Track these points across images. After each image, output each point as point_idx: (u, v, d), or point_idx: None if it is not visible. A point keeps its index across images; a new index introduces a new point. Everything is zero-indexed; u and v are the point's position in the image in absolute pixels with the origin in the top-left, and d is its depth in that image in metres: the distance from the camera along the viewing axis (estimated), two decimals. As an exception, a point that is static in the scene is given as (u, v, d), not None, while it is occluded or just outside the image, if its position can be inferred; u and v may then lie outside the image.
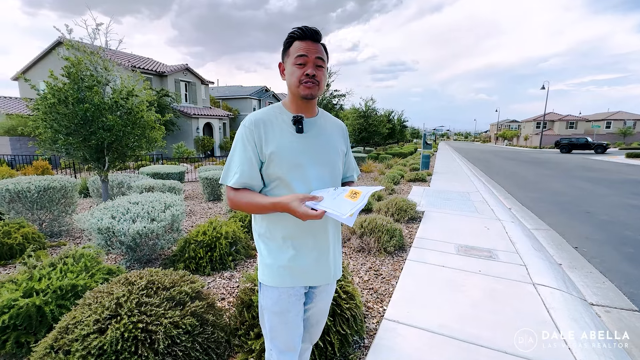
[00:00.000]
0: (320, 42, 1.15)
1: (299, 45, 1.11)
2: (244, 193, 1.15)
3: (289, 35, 1.14)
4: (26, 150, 13.47)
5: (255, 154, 1.14)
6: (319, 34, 1.13)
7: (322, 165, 1.19)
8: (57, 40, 17.28)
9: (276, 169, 1.14)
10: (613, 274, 3.39)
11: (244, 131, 1.16)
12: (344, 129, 1.37)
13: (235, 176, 1.14)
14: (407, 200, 5.28)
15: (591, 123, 45.18)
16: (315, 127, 1.22)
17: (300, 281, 1.23)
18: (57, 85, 4.41)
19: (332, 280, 1.33)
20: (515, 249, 3.83)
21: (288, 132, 1.16)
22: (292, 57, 1.13)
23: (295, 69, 1.12)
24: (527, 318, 2.37)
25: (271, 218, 1.19)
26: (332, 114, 1.33)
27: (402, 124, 30.44)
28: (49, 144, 4.56)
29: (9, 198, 4.09)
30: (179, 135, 19.15)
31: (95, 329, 1.54)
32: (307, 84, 1.12)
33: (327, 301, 1.39)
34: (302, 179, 1.15)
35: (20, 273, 2.18)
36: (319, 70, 1.13)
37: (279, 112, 1.20)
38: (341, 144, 1.31)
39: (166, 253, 3.65)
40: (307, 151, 1.17)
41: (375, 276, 3.13)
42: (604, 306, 2.76)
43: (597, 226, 5.17)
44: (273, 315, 1.23)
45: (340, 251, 1.36)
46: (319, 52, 1.12)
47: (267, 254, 1.22)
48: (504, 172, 13.33)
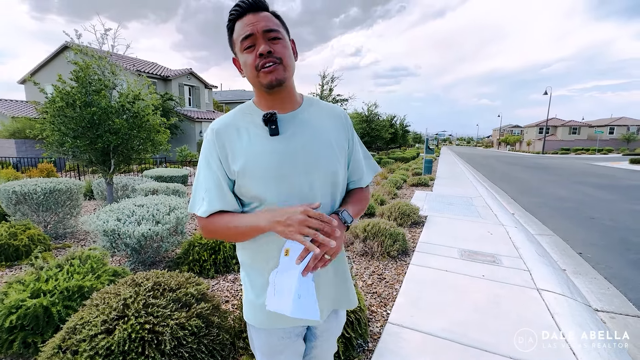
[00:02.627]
0: (268, 11, 0.89)
1: (240, 24, 0.86)
2: (218, 218, 0.91)
3: (228, 19, 0.90)
4: (31, 153, 13.59)
5: (222, 172, 0.90)
6: (261, 0, 0.87)
7: (312, 172, 0.90)
8: (63, 45, 17.50)
9: (250, 187, 0.89)
10: (618, 280, 3.37)
11: (206, 145, 0.93)
12: (343, 117, 1.04)
13: (204, 203, 0.91)
14: (410, 205, 5.28)
15: (594, 129, 45.09)
16: (295, 122, 0.93)
17: (295, 321, 0.96)
18: (65, 89, 4.48)
19: (340, 318, 1.12)
20: (519, 254, 3.82)
21: (260, 137, 0.90)
22: (237, 43, 0.88)
23: (246, 56, 0.87)
24: (532, 323, 2.36)
25: (257, 244, 0.93)
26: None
27: (405, 129, 30.53)
28: (56, 147, 4.62)
29: (16, 200, 4.13)
30: (183, 139, 19.27)
31: (102, 329, 1.56)
32: (266, 68, 0.85)
33: (334, 338, 1.14)
34: (289, 194, 0.88)
35: (27, 274, 2.21)
36: (276, 43, 0.86)
37: (248, 112, 0.94)
38: (340, 137, 1.00)
39: (170, 255, 3.67)
40: (289, 157, 0.89)
41: (378, 280, 3.13)
42: (608, 312, 2.75)
43: (602, 232, 5.15)
44: (262, 356, 1.04)
45: (349, 277, 1.07)
46: (267, 21, 0.85)
47: (250, 288, 0.98)
48: (507, 177, 13.30)
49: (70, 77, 4.54)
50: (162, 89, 19.25)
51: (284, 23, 0.92)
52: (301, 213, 0.79)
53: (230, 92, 33.11)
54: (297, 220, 0.78)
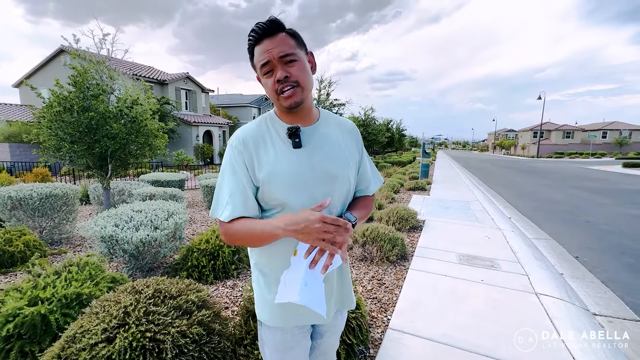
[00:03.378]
0: (284, 31, 0.92)
1: (259, 50, 0.92)
2: (240, 224, 0.95)
3: (248, 43, 0.95)
4: (26, 157, 13.46)
5: (248, 179, 0.97)
6: (275, 23, 0.90)
7: (329, 183, 1.00)
8: (59, 49, 17.45)
9: (275, 194, 0.96)
10: (615, 284, 3.41)
11: (231, 153, 0.98)
12: (355, 131, 1.15)
13: (228, 208, 0.96)
14: (408, 209, 5.30)
15: (587, 133, 45.68)
16: (316, 136, 1.02)
17: (307, 319, 1.05)
18: (62, 93, 4.46)
19: (341, 317, 1.21)
20: (517, 258, 3.85)
21: (284, 148, 0.98)
22: (258, 68, 0.95)
23: (266, 81, 0.94)
24: (531, 328, 2.38)
25: (273, 247, 0.99)
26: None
27: (401, 133, 30.68)
28: (52, 152, 4.59)
29: (11, 205, 4.08)
30: (179, 143, 19.21)
31: (103, 338, 1.54)
32: (284, 93, 0.92)
33: (336, 336, 1.25)
34: (309, 201, 0.96)
35: (24, 281, 2.18)
36: (292, 66, 0.91)
37: (271, 124, 1.02)
38: (353, 151, 1.10)
39: (168, 261, 3.64)
40: (310, 168, 0.97)
41: (378, 285, 3.13)
42: (606, 316, 2.77)
43: (598, 236, 5.20)
44: (275, 353, 1.09)
45: (349, 281, 1.18)
46: (282, 46, 0.90)
47: (265, 287, 1.04)
48: (503, 181, 13.41)
49: (68, 82, 4.52)
50: (159, 93, 19.22)
51: (300, 39, 0.96)
52: (318, 221, 0.82)
53: (227, 96, 33.09)
54: (315, 229, 0.82)
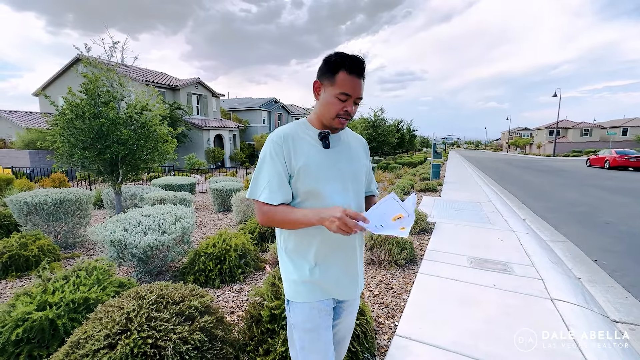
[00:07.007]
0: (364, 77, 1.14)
1: (345, 79, 1.09)
2: (279, 208, 1.14)
3: (336, 60, 1.10)
4: (44, 163, 13.90)
5: (285, 168, 1.14)
6: (364, 69, 1.11)
7: (349, 180, 1.21)
8: (75, 58, 18.02)
9: (306, 182, 1.15)
10: (637, 289, 3.24)
11: (272, 146, 1.16)
12: (365, 144, 1.41)
13: (265, 191, 1.13)
14: (417, 211, 5.21)
15: (607, 130, 44.10)
16: (340, 142, 1.25)
17: (330, 294, 1.23)
18: (74, 101, 4.57)
19: (358, 294, 1.35)
20: (531, 261, 3.71)
21: (315, 148, 1.18)
22: (335, 88, 1.10)
23: (335, 101, 1.12)
24: (546, 336, 2.27)
25: (300, 233, 1.19)
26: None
27: (411, 133, 30.33)
28: (65, 158, 4.70)
29: (27, 210, 4.21)
30: (190, 147, 19.50)
31: (105, 344, 1.55)
32: (342, 119, 1.14)
33: (353, 316, 1.39)
34: (336, 191, 1.17)
35: (35, 286, 2.22)
36: (356, 106, 1.16)
37: (304, 128, 1.22)
38: (364, 158, 1.35)
39: (176, 265, 3.67)
40: (335, 165, 1.19)
41: (385, 290, 3.07)
42: (628, 323, 2.63)
43: (617, 237, 4.98)
44: (304, 333, 1.20)
45: (362, 265, 1.36)
46: (362, 91, 1.13)
47: (293, 270, 1.22)
48: (517, 181, 13.06)
49: (80, 90, 4.63)
50: (171, 98, 19.58)
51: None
52: (341, 213, 1.00)
53: (237, 100, 33.45)
54: (338, 222, 1.00)
